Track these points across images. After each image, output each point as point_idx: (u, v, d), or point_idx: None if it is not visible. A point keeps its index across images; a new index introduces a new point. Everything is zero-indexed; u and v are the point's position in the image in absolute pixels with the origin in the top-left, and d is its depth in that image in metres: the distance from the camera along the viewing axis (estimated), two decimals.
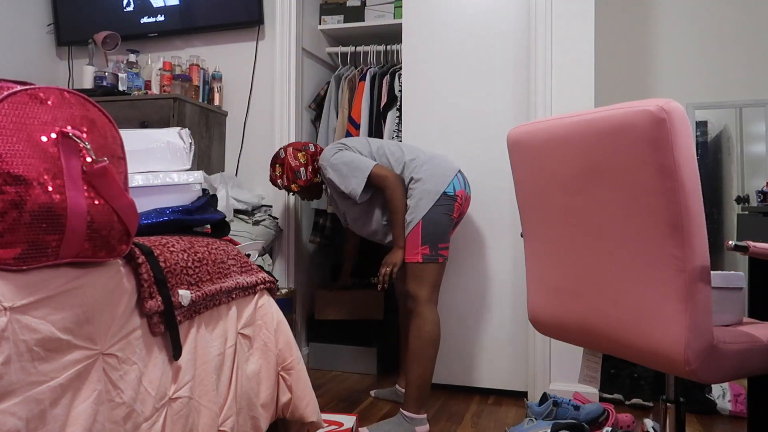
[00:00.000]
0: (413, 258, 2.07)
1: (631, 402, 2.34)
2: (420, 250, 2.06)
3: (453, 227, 2.17)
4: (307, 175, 2.31)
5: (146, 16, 3.02)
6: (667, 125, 1.00)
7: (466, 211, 2.26)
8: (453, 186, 2.10)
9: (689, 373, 1.03)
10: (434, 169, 2.12)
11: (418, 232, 2.06)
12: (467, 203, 2.19)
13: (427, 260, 2.06)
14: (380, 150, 2.19)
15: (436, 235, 2.07)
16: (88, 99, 0.97)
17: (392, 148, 2.20)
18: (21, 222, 0.82)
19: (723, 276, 1.23)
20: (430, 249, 2.06)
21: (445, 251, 2.10)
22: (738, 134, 3.13)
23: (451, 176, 2.11)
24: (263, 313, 1.51)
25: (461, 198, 2.12)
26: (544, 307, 1.33)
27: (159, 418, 1.08)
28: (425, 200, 2.06)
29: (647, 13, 3.26)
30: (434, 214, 2.06)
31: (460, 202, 2.12)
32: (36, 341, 0.83)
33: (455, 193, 2.10)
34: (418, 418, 2.05)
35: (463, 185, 2.14)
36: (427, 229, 2.06)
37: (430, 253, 2.06)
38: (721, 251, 3.10)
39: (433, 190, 2.07)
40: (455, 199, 2.10)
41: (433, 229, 2.06)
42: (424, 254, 2.06)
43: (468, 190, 2.18)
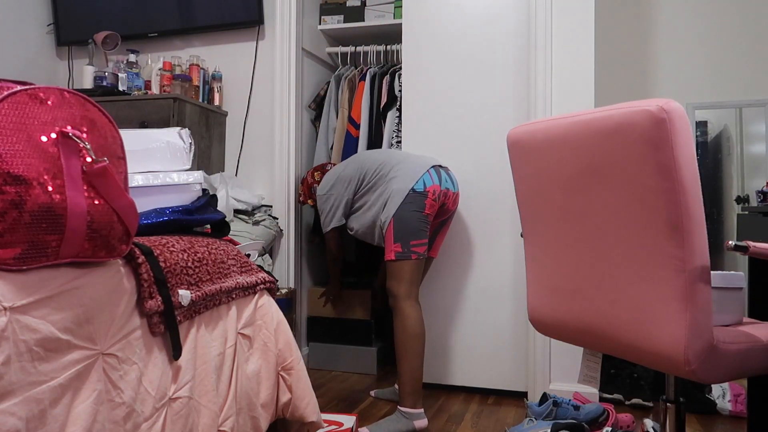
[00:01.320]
0: (388, 256, 2.12)
1: (631, 402, 2.34)
2: (393, 247, 2.11)
3: (431, 223, 2.20)
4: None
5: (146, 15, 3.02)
6: (667, 125, 1.00)
7: (453, 207, 2.27)
8: (423, 182, 2.12)
9: (689, 373, 1.03)
10: (405, 167, 2.16)
11: (390, 231, 2.11)
12: (449, 198, 2.20)
13: (400, 257, 2.10)
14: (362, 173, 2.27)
15: (406, 232, 2.10)
16: (88, 99, 0.97)
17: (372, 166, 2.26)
18: (21, 222, 0.82)
19: (723, 276, 1.23)
20: (402, 246, 2.10)
21: (419, 248, 2.12)
22: (738, 134, 3.13)
23: (421, 172, 2.13)
24: (263, 313, 1.51)
25: (433, 193, 2.13)
26: (544, 307, 1.33)
27: (159, 418, 1.08)
28: (395, 198, 2.11)
29: (647, 13, 3.26)
30: (403, 211, 2.10)
31: (433, 198, 2.12)
32: (36, 341, 0.83)
33: (425, 189, 2.11)
34: (416, 413, 2.07)
35: (438, 180, 2.15)
36: (398, 227, 2.10)
37: (402, 250, 2.10)
38: (721, 251, 3.10)
39: (401, 188, 2.11)
40: (425, 195, 2.11)
41: (403, 226, 2.10)
42: (396, 252, 2.11)
43: (447, 185, 2.19)
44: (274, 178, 2.88)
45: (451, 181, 2.21)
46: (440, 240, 2.39)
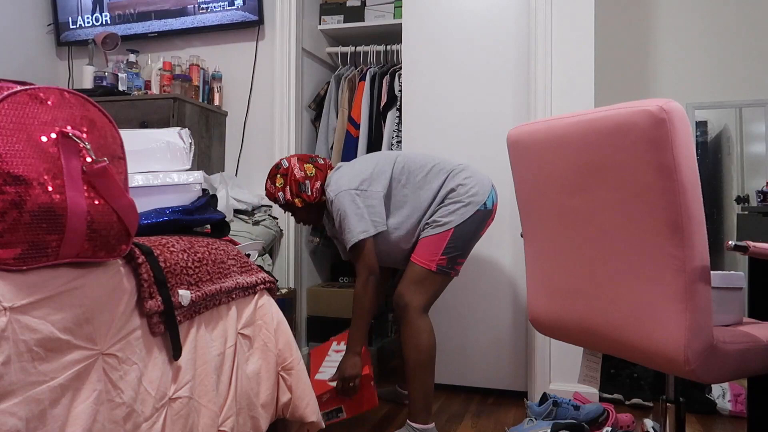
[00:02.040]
0: (427, 264, 1.91)
1: (631, 402, 2.34)
2: (438, 258, 1.91)
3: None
4: (312, 190, 2.01)
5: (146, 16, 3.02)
6: (667, 125, 1.00)
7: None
8: (492, 198, 1.97)
9: (689, 373, 1.03)
10: (476, 175, 1.98)
11: (444, 239, 1.91)
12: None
13: (441, 271, 1.93)
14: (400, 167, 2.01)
15: (460, 248, 1.93)
16: (88, 99, 0.97)
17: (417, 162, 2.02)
18: (21, 222, 0.82)
19: (723, 276, 1.23)
20: (448, 261, 1.92)
21: (460, 267, 1.98)
22: (738, 134, 3.13)
23: (490, 186, 1.98)
24: (263, 313, 1.51)
25: (494, 212, 2.00)
26: (544, 307, 1.33)
27: (159, 418, 1.08)
28: (466, 209, 1.91)
29: (647, 13, 3.26)
30: (469, 225, 1.92)
31: (493, 217, 2.00)
32: (36, 341, 0.83)
33: (492, 207, 1.97)
34: (428, 428, 1.95)
35: (496, 198, 2.02)
36: (455, 240, 1.91)
37: (446, 264, 1.93)
38: (721, 251, 3.10)
39: (475, 200, 1.93)
40: (490, 214, 1.97)
41: (461, 241, 1.92)
42: (440, 264, 1.92)
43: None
44: None
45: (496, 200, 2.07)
46: None
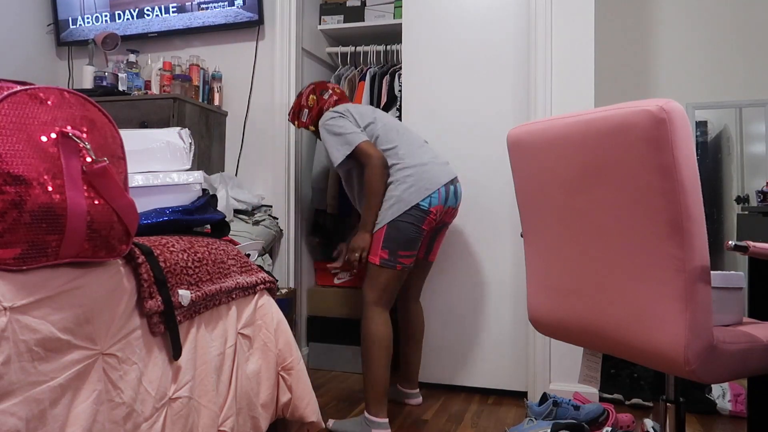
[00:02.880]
0: (372, 259, 2.05)
1: (631, 402, 2.34)
2: (380, 252, 2.03)
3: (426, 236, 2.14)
4: (306, 119, 2.33)
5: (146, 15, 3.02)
6: (667, 125, 1.00)
7: (450, 220, 2.21)
8: (429, 201, 2.03)
9: (689, 373, 1.03)
10: (419, 177, 2.05)
11: (381, 236, 2.03)
12: (449, 215, 2.15)
13: (384, 264, 2.03)
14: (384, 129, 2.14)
15: (398, 242, 2.02)
16: (88, 99, 0.97)
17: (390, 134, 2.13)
18: (21, 222, 0.82)
19: (723, 276, 1.23)
20: (389, 254, 2.03)
21: (407, 260, 2.05)
22: (738, 134, 3.13)
23: (433, 190, 2.04)
24: (263, 313, 1.51)
25: (435, 213, 2.06)
26: (544, 307, 1.33)
27: (159, 418, 1.08)
28: (396, 207, 2.02)
29: (647, 13, 3.26)
30: (401, 223, 2.02)
31: (433, 217, 2.06)
32: (36, 341, 0.83)
33: (429, 209, 2.03)
34: (377, 422, 2.01)
35: (444, 200, 2.07)
36: (390, 235, 2.02)
37: (388, 258, 2.03)
38: (721, 251, 3.10)
39: (406, 199, 2.02)
40: (428, 213, 2.04)
41: (396, 236, 2.02)
42: (382, 258, 2.03)
43: (452, 202, 2.11)
44: (274, 178, 2.88)
45: (456, 197, 2.13)
46: (438, 245, 2.31)
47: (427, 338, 2.62)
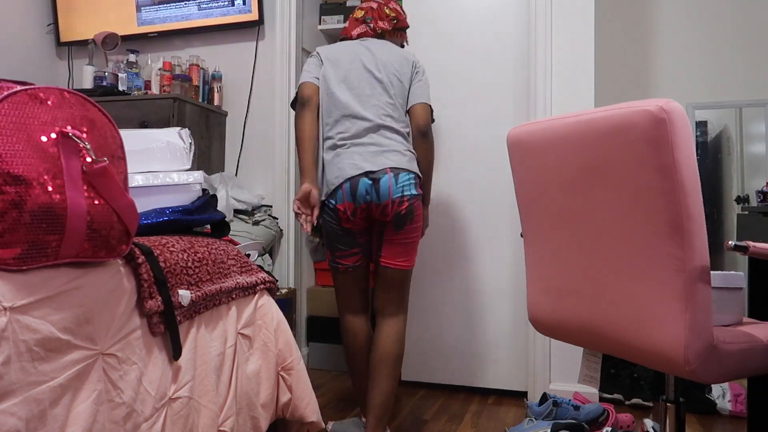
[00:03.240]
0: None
1: (631, 402, 2.34)
2: (327, 254, 1.96)
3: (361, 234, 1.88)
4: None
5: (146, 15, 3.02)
6: (667, 125, 1.00)
7: (390, 215, 1.81)
8: (335, 198, 1.83)
9: (689, 373, 1.03)
10: (329, 166, 1.86)
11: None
12: (375, 210, 1.82)
13: (330, 265, 1.95)
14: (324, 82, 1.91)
15: (329, 240, 1.91)
16: (88, 99, 0.96)
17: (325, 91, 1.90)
18: (21, 222, 0.82)
19: (723, 276, 1.23)
20: (330, 253, 1.93)
21: (346, 259, 1.90)
22: (738, 134, 3.13)
23: (335, 184, 1.82)
24: (263, 313, 1.51)
25: (344, 212, 1.83)
26: (544, 307, 1.33)
27: (159, 418, 1.08)
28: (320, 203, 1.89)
29: (647, 13, 3.26)
30: (323, 218, 1.89)
31: (345, 215, 1.83)
32: (36, 341, 0.83)
33: (336, 206, 1.83)
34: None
35: (351, 198, 1.80)
36: (323, 231, 1.92)
37: (330, 257, 1.93)
38: (721, 251, 3.10)
39: (320, 195, 1.88)
40: (337, 211, 1.84)
41: (326, 232, 1.91)
42: (328, 257, 1.95)
43: (370, 198, 1.80)
44: (274, 178, 2.88)
45: (377, 193, 1.79)
46: (391, 246, 1.86)
47: (428, 338, 2.62)
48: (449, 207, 2.60)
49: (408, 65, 1.94)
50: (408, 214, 1.82)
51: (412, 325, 2.65)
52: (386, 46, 1.96)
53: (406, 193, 1.81)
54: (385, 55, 1.92)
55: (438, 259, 2.61)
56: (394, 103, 1.89)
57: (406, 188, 1.81)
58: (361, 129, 1.84)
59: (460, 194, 2.59)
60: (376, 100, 1.87)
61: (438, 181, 2.62)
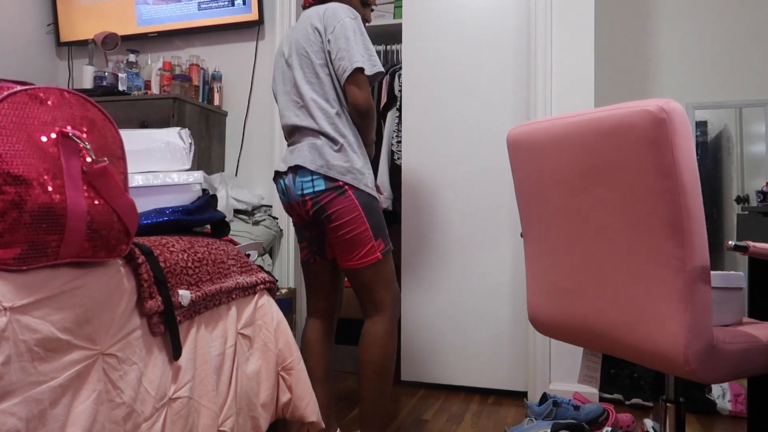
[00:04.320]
0: None
1: (631, 402, 2.34)
2: None
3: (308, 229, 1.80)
4: None
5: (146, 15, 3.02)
6: (667, 125, 1.00)
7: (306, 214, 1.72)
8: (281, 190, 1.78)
9: (689, 373, 1.03)
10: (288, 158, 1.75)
11: None
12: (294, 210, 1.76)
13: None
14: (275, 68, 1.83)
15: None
16: (88, 99, 0.97)
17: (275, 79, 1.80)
18: (21, 222, 0.82)
19: (723, 276, 1.23)
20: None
21: (302, 251, 1.84)
22: (738, 134, 3.13)
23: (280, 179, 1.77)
24: (263, 313, 1.51)
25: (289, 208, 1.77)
26: (544, 307, 1.33)
27: (159, 418, 1.08)
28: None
29: (647, 13, 3.26)
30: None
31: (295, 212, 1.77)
32: (36, 341, 0.83)
33: (287, 204, 1.78)
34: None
35: (283, 192, 1.75)
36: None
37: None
38: (721, 251, 3.10)
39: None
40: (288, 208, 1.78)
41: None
42: None
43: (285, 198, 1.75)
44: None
45: (287, 193, 1.74)
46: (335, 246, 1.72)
47: (427, 338, 2.62)
48: (449, 207, 2.61)
49: (313, 32, 1.68)
50: (318, 213, 1.68)
51: (412, 325, 2.65)
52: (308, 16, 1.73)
53: (306, 192, 1.67)
54: (298, 27, 1.74)
55: (438, 258, 2.61)
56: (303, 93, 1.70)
57: (306, 186, 1.67)
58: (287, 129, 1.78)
59: (460, 194, 2.59)
60: (287, 96, 1.76)
61: (438, 181, 2.62)
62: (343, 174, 1.65)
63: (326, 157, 1.66)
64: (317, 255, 1.81)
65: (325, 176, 1.66)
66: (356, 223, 1.66)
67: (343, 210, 1.66)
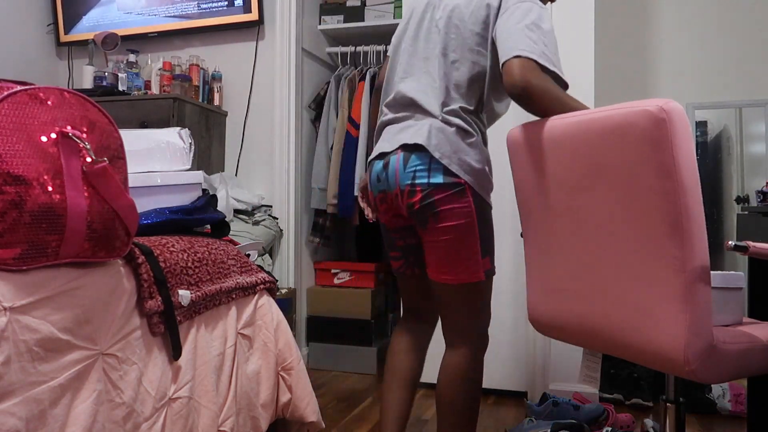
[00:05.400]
0: None
1: (631, 402, 2.34)
2: None
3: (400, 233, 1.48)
4: None
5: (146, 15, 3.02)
6: (667, 125, 1.00)
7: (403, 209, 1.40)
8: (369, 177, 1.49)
9: (689, 373, 1.03)
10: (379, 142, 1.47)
11: None
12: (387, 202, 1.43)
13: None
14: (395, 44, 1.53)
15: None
16: (88, 99, 0.97)
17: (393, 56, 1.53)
18: (21, 222, 0.82)
19: (723, 276, 1.23)
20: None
21: (394, 261, 1.55)
22: (738, 134, 3.13)
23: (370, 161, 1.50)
24: (263, 313, 1.51)
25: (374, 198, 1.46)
26: (544, 307, 1.33)
27: (159, 418, 1.08)
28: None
29: (647, 13, 3.26)
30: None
31: (376, 204, 1.47)
32: (36, 341, 0.83)
33: (369, 190, 1.48)
34: None
35: (374, 180, 1.44)
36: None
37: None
38: (721, 251, 3.10)
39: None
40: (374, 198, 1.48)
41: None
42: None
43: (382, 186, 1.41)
44: (274, 178, 2.88)
45: (387, 179, 1.40)
46: (429, 253, 1.41)
47: None
48: None
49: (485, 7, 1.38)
50: (426, 208, 1.35)
51: None
52: None
53: (418, 181, 1.34)
54: None
55: None
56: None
57: (420, 174, 1.34)
58: (401, 99, 1.48)
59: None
60: (423, 63, 1.48)
61: None
62: (468, 172, 1.36)
63: (455, 147, 1.35)
64: (414, 266, 1.52)
65: (447, 169, 1.34)
66: (466, 230, 1.36)
67: (455, 211, 1.35)
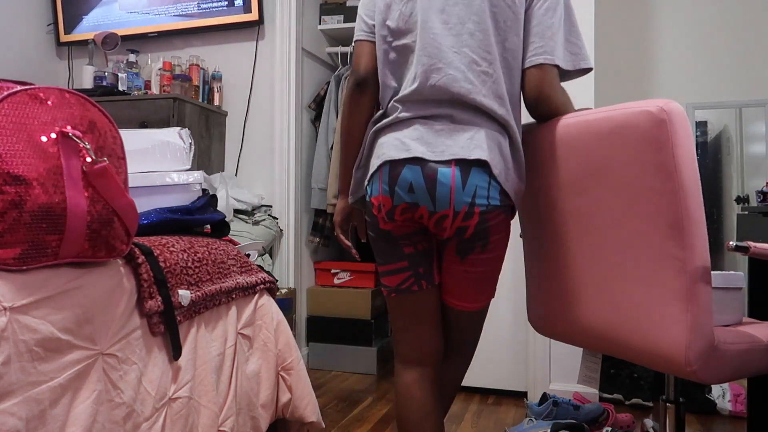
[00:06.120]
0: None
1: (631, 402, 2.34)
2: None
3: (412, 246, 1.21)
4: None
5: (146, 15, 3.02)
6: (668, 126, 1.00)
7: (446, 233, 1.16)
8: (371, 187, 1.21)
9: (690, 373, 1.03)
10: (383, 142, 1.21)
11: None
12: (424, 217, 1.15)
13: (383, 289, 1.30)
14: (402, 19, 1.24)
15: (374, 252, 1.28)
16: (88, 99, 0.96)
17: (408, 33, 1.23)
18: (21, 222, 0.82)
19: (723, 276, 1.23)
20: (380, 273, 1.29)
21: (387, 278, 1.24)
22: (738, 134, 3.13)
23: (372, 170, 1.21)
24: (263, 313, 1.51)
25: (379, 208, 1.19)
26: (544, 308, 1.33)
27: (159, 418, 1.08)
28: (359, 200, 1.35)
29: (647, 13, 3.26)
30: (367, 220, 1.26)
31: (382, 214, 1.19)
32: (36, 341, 0.83)
33: (370, 199, 1.21)
34: None
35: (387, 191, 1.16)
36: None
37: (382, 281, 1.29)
38: (721, 251, 3.10)
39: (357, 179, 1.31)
40: (371, 206, 1.21)
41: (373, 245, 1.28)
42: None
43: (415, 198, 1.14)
44: (274, 178, 2.88)
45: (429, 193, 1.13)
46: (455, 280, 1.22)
47: None
48: None
49: None
50: (478, 235, 1.15)
51: None
52: None
53: (479, 202, 1.13)
54: None
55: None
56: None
57: (480, 193, 1.13)
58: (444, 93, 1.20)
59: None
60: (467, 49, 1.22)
61: None
62: (518, 192, 1.19)
63: (509, 164, 1.17)
64: (423, 279, 1.23)
65: (502, 189, 1.15)
66: (502, 256, 1.23)
67: (503, 240, 1.20)
